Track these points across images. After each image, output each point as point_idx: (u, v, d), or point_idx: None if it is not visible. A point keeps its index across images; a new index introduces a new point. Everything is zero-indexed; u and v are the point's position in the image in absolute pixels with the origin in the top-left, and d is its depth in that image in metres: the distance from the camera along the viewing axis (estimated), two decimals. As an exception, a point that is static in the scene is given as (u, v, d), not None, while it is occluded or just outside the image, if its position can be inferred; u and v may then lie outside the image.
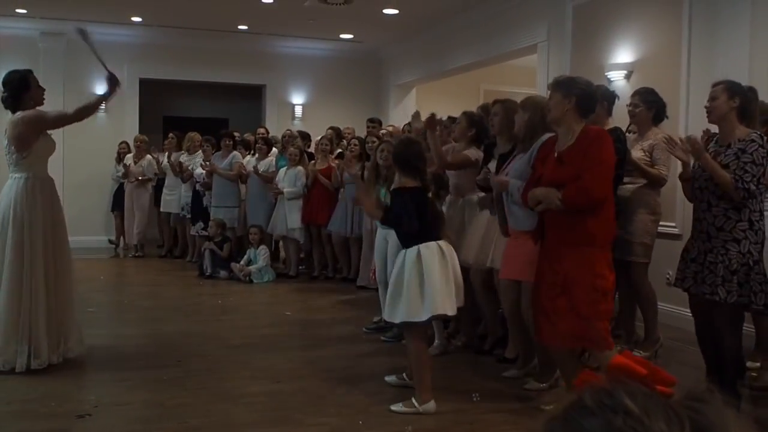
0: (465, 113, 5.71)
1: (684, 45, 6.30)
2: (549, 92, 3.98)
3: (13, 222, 4.64)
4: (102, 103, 5.16)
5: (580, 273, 3.72)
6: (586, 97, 3.89)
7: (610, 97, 5.17)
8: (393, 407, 4.08)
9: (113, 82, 5.14)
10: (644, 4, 6.86)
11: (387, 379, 4.54)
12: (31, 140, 4.78)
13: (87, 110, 5.09)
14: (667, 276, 5.86)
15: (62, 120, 5.17)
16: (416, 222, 4.01)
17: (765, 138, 4.03)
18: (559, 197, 3.73)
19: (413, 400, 4.07)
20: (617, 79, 6.93)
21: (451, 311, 4.05)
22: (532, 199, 3.91)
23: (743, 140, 4.02)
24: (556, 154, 3.90)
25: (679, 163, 4.41)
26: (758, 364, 4.77)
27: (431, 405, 4.07)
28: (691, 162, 4.29)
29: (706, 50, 6.09)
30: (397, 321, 4.10)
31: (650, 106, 5.20)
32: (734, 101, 4.07)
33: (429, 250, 4.00)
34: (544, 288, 3.87)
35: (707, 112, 4.22)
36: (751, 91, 4.25)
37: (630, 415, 0.67)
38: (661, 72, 6.44)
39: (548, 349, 4.10)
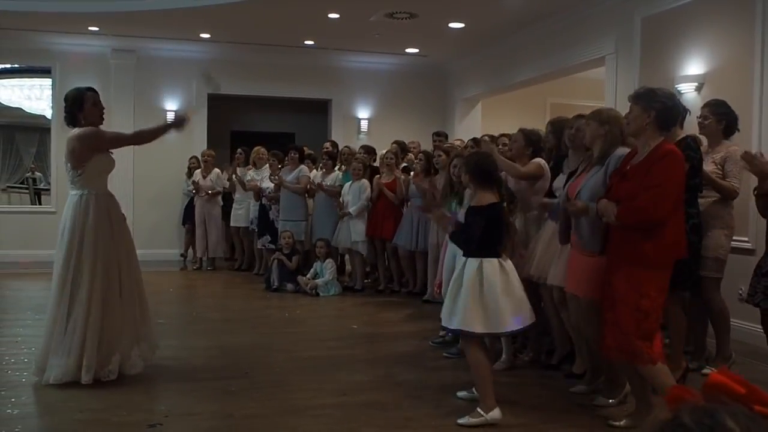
0: (522, 131, 5.67)
1: (756, 56, 6.14)
2: (629, 104, 3.91)
3: (62, 238, 4.73)
4: (164, 133, 5.14)
5: (626, 291, 3.74)
6: (666, 111, 3.83)
7: (683, 109, 5.06)
8: (460, 420, 4.06)
9: (179, 123, 5.15)
10: (715, 15, 6.70)
11: (459, 394, 4.49)
12: (86, 157, 4.81)
13: (147, 135, 5.14)
14: (740, 291, 5.70)
15: (119, 141, 5.20)
16: (476, 242, 4.08)
17: None
18: (615, 213, 3.71)
19: (479, 410, 4.07)
20: (687, 91, 6.77)
21: (509, 328, 4.08)
22: (600, 210, 3.90)
23: None
24: (628, 167, 3.84)
25: (753, 177, 4.31)
26: None
27: (497, 412, 4.06)
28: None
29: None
30: (452, 327, 4.13)
31: (720, 118, 5.13)
32: None
33: (491, 265, 4.03)
34: (605, 299, 3.92)
35: None
36: None
37: None
38: (732, 84, 6.29)
39: (617, 364, 4.04)
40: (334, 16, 9.26)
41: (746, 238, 5.87)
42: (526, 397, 4.61)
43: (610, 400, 4.41)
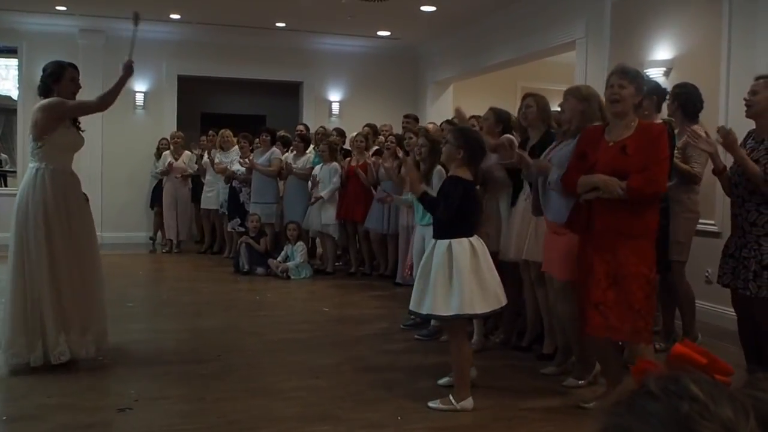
0: (492, 109, 5.72)
1: (724, 41, 6.20)
2: (619, 81, 3.84)
3: (17, 214, 4.56)
4: (122, 86, 4.87)
5: (636, 265, 3.69)
6: (644, 93, 3.97)
7: (662, 92, 5.15)
8: (431, 404, 4.07)
9: (128, 70, 4.92)
10: (683, 1, 6.76)
11: (440, 382, 4.43)
12: (49, 128, 4.61)
13: (109, 97, 4.84)
14: (707, 274, 5.80)
15: (83, 108, 4.94)
16: (452, 212, 3.97)
17: None
18: (623, 186, 3.67)
19: (451, 397, 4.06)
20: (656, 75, 6.83)
21: (479, 309, 3.99)
22: (585, 185, 3.80)
23: None
24: (611, 144, 3.82)
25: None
26: None
27: (469, 402, 4.06)
28: (719, 153, 4.24)
29: (747, 46, 6.00)
30: (423, 312, 4.07)
31: (674, 98, 5.23)
32: None
33: (461, 245, 3.95)
34: (594, 280, 3.80)
35: (747, 106, 4.22)
36: None
37: (696, 401, 0.67)
38: (700, 68, 6.36)
39: (591, 343, 4.06)
40: (305, -3, 9.20)
41: (712, 221, 5.95)
42: (496, 378, 4.65)
43: (580, 381, 4.46)
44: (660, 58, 6.92)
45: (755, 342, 4.17)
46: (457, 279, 3.90)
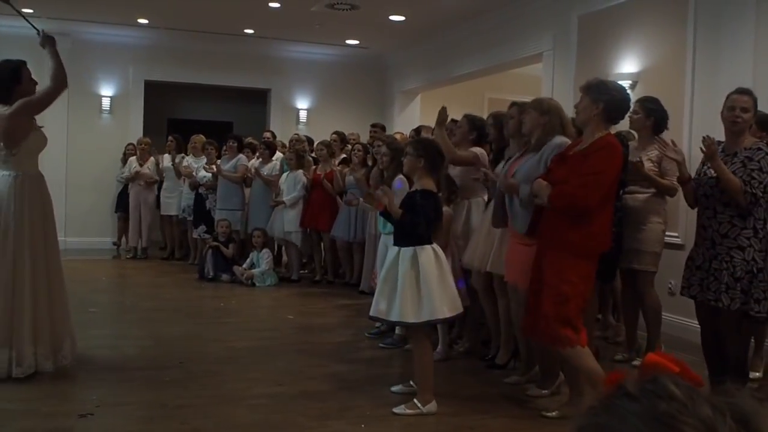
0: (467, 116, 5.74)
1: (688, 56, 6.30)
2: (581, 95, 3.98)
3: None
4: (59, 59, 4.70)
5: (550, 275, 3.83)
6: (615, 104, 3.91)
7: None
8: (395, 409, 4.10)
9: (49, 40, 4.78)
10: (649, 15, 6.86)
11: (393, 389, 4.47)
12: (23, 133, 4.52)
13: (59, 76, 4.67)
14: (670, 285, 5.87)
15: (47, 97, 4.72)
16: (431, 227, 4.09)
17: None
18: (548, 195, 3.81)
19: (416, 401, 4.10)
20: (621, 89, 6.93)
21: (448, 313, 4.07)
22: (534, 189, 3.97)
23: (750, 149, 4.08)
24: (570, 154, 3.94)
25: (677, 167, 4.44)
26: (758, 374, 4.81)
27: (433, 405, 4.10)
28: (685, 162, 4.31)
29: (711, 61, 6.10)
30: (392, 319, 4.11)
31: (649, 114, 5.19)
32: (755, 116, 4.18)
33: (425, 252, 4.02)
34: (530, 282, 4.02)
35: (734, 121, 4.13)
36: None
37: (675, 400, 0.67)
38: (665, 82, 6.44)
39: (552, 352, 4.12)
40: (275, 5, 9.19)
41: (676, 234, 6.02)
42: (460, 387, 4.67)
43: (544, 391, 4.48)
44: (626, 71, 7.00)
45: (719, 354, 4.21)
46: (426, 286, 3.96)
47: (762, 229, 4.04)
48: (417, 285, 3.98)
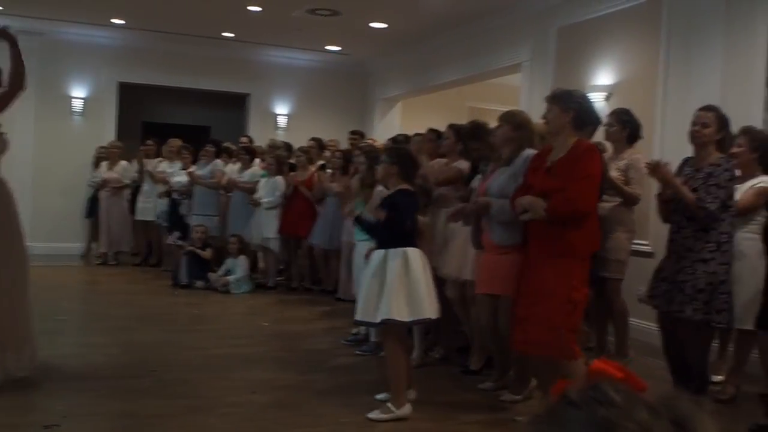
0: (452, 127, 5.69)
1: (661, 69, 6.45)
2: (546, 105, 4.03)
3: None
4: (19, 56, 4.48)
5: (557, 284, 3.80)
6: (584, 111, 4.01)
7: (596, 122, 5.21)
8: (370, 415, 4.07)
9: (9, 36, 4.54)
10: (624, 30, 7.00)
11: (378, 397, 4.37)
12: None
13: (17, 71, 4.47)
14: (638, 293, 5.90)
15: (9, 97, 4.48)
16: (414, 221, 4.15)
17: (731, 162, 4.21)
18: (545, 207, 3.79)
19: (389, 405, 4.08)
20: (597, 100, 6.98)
21: (435, 315, 4.14)
22: (518, 206, 3.96)
23: (713, 164, 4.19)
24: (548, 165, 3.94)
25: (656, 182, 4.51)
26: (722, 378, 4.91)
27: (407, 408, 4.11)
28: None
29: (682, 77, 6.24)
30: (378, 320, 4.04)
31: (624, 125, 5.39)
32: (721, 133, 4.26)
33: (415, 254, 4.08)
34: (521, 295, 3.97)
35: (693, 136, 4.30)
36: (728, 122, 4.39)
37: (614, 405, 0.70)
38: (638, 95, 6.59)
39: (529, 359, 4.13)
40: (255, 9, 9.10)
41: (646, 242, 6.09)
42: (435, 393, 4.63)
43: (517, 396, 4.52)
44: (601, 83, 7.13)
45: (681, 360, 4.28)
46: (415, 286, 4.02)
47: (725, 243, 4.14)
48: (407, 285, 4.00)
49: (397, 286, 3.99)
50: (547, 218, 3.80)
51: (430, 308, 4.07)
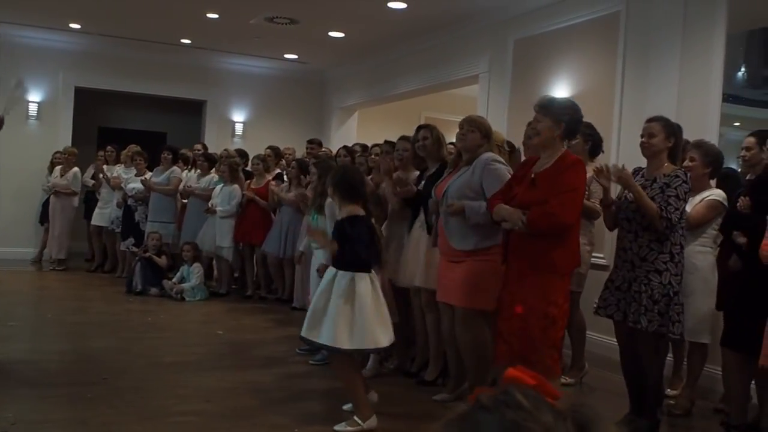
0: (407, 139, 5.76)
1: (617, 82, 6.54)
2: (535, 115, 4.01)
3: None
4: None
5: (535, 299, 3.80)
6: (574, 123, 4.01)
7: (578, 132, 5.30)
8: (337, 427, 4.05)
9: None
10: (582, 42, 7.07)
11: (345, 407, 4.34)
12: None
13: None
14: (594, 305, 5.99)
15: None
16: (368, 250, 4.02)
17: (688, 174, 4.19)
18: (523, 219, 3.78)
19: (356, 418, 4.07)
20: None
21: (384, 343, 4.06)
22: (497, 214, 3.96)
23: (668, 175, 4.17)
24: (532, 175, 3.95)
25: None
26: (677, 392, 4.96)
27: (374, 420, 4.09)
28: (611, 188, 4.39)
29: (638, 90, 6.33)
30: (319, 341, 4.00)
31: (587, 138, 5.36)
32: (670, 141, 4.23)
33: (363, 281, 3.98)
34: (502, 309, 3.96)
35: (642, 147, 4.33)
36: (679, 129, 4.39)
37: (521, 409, 0.73)
38: (595, 108, 6.56)
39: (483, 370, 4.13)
40: (213, 16, 9.10)
41: (602, 255, 6.17)
42: (390, 404, 4.64)
43: None
44: (558, 95, 7.15)
45: (637, 372, 4.31)
46: (361, 314, 3.92)
47: (678, 254, 4.14)
48: (352, 312, 3.92)
49: (341, 312, 3.90)
50: (525, 230, 3.78)
51: (376, 338, 3.98)
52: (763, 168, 4.60)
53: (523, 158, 5.03)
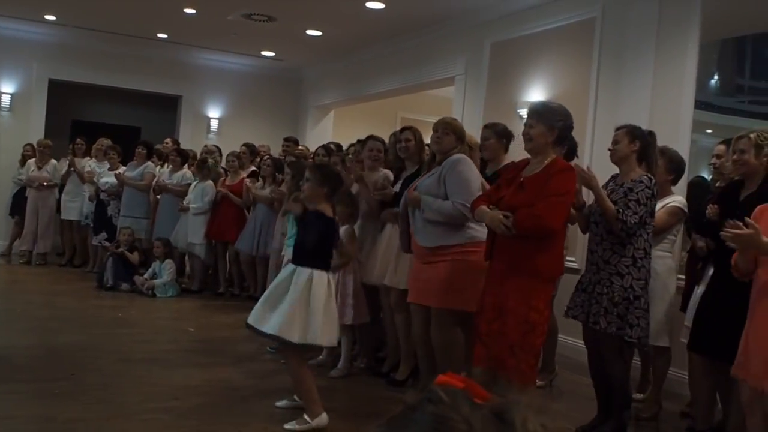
0: (377, 139, 5.80)
1: (592, 89, 6.61)
2: (528, 120, 4.02)
3: None
4: None
5: (516, 303, 3.81)
6: (567, 128, 4.04)
7: (508, 135, 5.35)
8: (287, 426, 4.06)
9: None
10: (557, 47, 7.13)
11: (278, 404, 4.44)
12: None
13: None
14: (565, 307, 6.05)
15: None
16: (316, 248, 4.07)
17: (653, 180, 4.23)
18: (506, 223, 3.79)
19: (305, 416, 4.08)
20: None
21: (328, 343, 4.14)
22: (478, 216, 4.01)
23: (634, 180, 4.23)
24: (522, 179, 3.97)
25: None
26: (644, 395, 5.03)
27: (324, 417, 4.09)
28: (582, 190, 4.44)
29: (612, 95, 6.41)
30: (265, 330, 4.03)
31: (563, 143, 5.38)
32: (634, 145, 4.30)
33: (321, 279, 4.04)
34: (483, 311, 3.97)
35: (610, 154, 4.41)
36: (651, 135, 4.44)
37: (441, 402, 0.78)
38: (569, 111, 6.66)
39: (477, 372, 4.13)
40: (190, 11, 9.05)
41: (573, 258, 6.23)
42: (359, 404, 4.67)
43: None
44: (533, 99, 7.21)
45: (603, 376, 4.36)
46: (314, 309, 3.97)
47: (641, 259, 4.18)
48: (306, 307, 3.97)
49: (296, 306, 3.95)
50: (508, 233, 3.79)
51: (325, 336, 4.03)
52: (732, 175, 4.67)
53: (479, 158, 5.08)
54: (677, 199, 4.87)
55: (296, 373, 4.18)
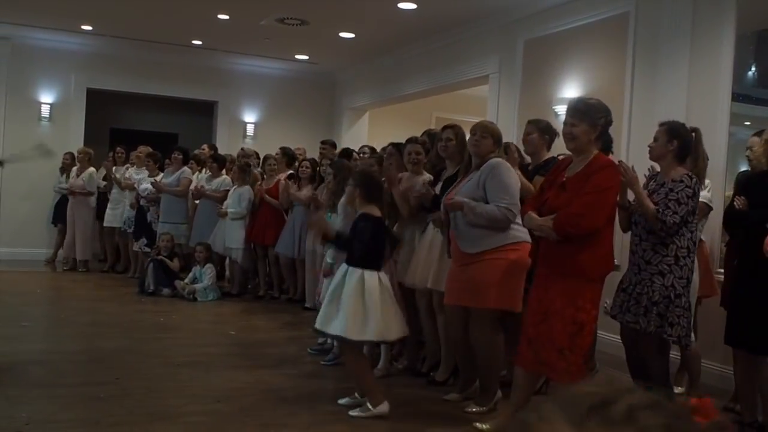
0: (416, 141, 5.76)
1: (627, 85, 6.53)
2: (569, 119, 3.97)
3: None
4: None
5: (562, 303, 3.78)
6: (608, 125, 4.01)
7: (551, 132, 5.30)
8: (351, 412, 4.27)
9: None
10: (591, 42, 7.07)
11: (340, 401, 4.50)
12: None
13: None
14: (605, 305, 5.99)
15: None
16: (365, 249, 4.24)
17: (694, 179, 4.15)
18: (551, 226, 3.77)
19: (368, 404, 4.28)
20: (563, 113, 7.04)
21: (392, 336, 4.36)
22: (527, 224, 4.02)
23: (675, 180, 4.16)
24: (564, 180, 3.94)
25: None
26: (682, 389, 5.03)
27: (385, 406, 4.29)
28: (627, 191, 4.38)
29: (648, 90, 6.33)
30: (331, 332, 4.28)
31: (604, 138, 5.34)
32: (671, 144, 4.21)
33: (372, 278, 4.20)
34: (530, 314, 3.97)
35: (649, 150, 4.36)
36: (695, 132, 4.37)
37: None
38: (604, 108, 6.62)
39: (518, 372, 4.11)
40: (223, 17, 9.13)
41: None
42: (400, 404, 4.65)
43: (483, 408, 4.53)
44: (568, 95, 7.14)
45: (642, 373, 4.31)
46: (371, 307, 4.14)
47: (684, 258, 4.12)
48: (363, 305, 4.13)
49: (353, 305, 4.14)
50: (555, 237, 3.77)
51: (384, 331, 4.21)
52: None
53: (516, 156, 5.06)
54: (701, 194, 4.78)
55: (355, 366, 4.41)
